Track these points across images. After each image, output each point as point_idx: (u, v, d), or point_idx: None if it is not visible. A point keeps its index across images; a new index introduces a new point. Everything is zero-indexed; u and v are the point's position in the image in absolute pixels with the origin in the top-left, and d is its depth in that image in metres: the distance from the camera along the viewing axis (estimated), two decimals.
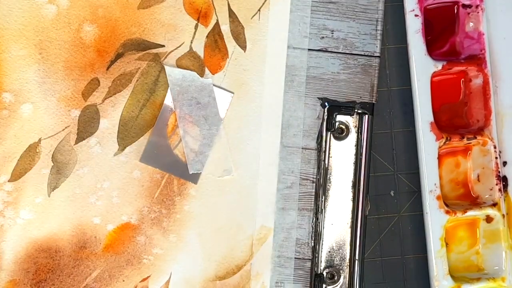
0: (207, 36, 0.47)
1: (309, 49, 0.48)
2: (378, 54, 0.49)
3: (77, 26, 0.46)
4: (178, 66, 0.47)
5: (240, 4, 0.47)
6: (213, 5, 0.47)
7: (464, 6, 0.50)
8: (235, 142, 0.47)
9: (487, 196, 0.50)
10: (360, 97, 0.49)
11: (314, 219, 0.49)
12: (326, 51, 0.49)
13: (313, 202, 0.49)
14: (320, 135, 0.49)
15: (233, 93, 0.47)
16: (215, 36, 0.47)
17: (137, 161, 0.47)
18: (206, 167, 0.47)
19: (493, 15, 0.50)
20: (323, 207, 0.49)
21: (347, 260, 0.49)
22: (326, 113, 0.49)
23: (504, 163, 0.51)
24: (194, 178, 0.47)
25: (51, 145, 0.46)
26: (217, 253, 0.48)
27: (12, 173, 0.46)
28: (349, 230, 0.49)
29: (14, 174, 0.46)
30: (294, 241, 0.48)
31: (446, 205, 0.49)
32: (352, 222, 0.49)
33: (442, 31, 0.51)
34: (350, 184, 0.49)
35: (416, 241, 0.51)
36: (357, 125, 0.49)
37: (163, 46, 0.47)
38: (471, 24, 0.50)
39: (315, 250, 0.49)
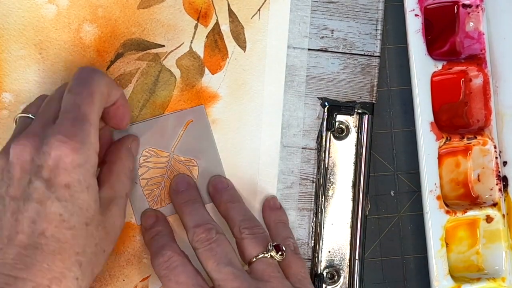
0: (207, 36, 0.47)
1: (309, 49, 0.48)
2: (378, 54, 0.49)
3: (77, 26, 0.46)
4: (178, 66, 0.47)
5: (240, 4, 0.47)
6: (213, 5, 0.47)
7: (464, 6, 0.50)
8: (235, 142, 0.47)
9: (487, 196, 0.50)
10: (360, 97, 0.49)
11: (314, 219, 0.49)
12: (326, 51, 0.49)
13: (313, 202, 0.49)
14: (320, 135, 0.49)
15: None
16: (215, 36, 0.47)
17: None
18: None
19: (493, 15, 0.50)
20: (323, 207, 0.49)
21: (347, 260, 0.49)
22: (326, 113, 0.49)
23: (504, 163, 0.51)
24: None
25: None
26: None
27: None
28: (349, 230, 0.49)
29: None
30: None
31: (446, 205, 0.49)
32: (352, 222, 0.49)
33: (442, 31, 0.51)
34: (350, 184, 0.49)
35: (416, 241, 0.51)
36: (357, 125, 0.49)
37: (163, 46, 0.47)
38: (471, 24, 0.50)
39: (315, 250, 0.49)
